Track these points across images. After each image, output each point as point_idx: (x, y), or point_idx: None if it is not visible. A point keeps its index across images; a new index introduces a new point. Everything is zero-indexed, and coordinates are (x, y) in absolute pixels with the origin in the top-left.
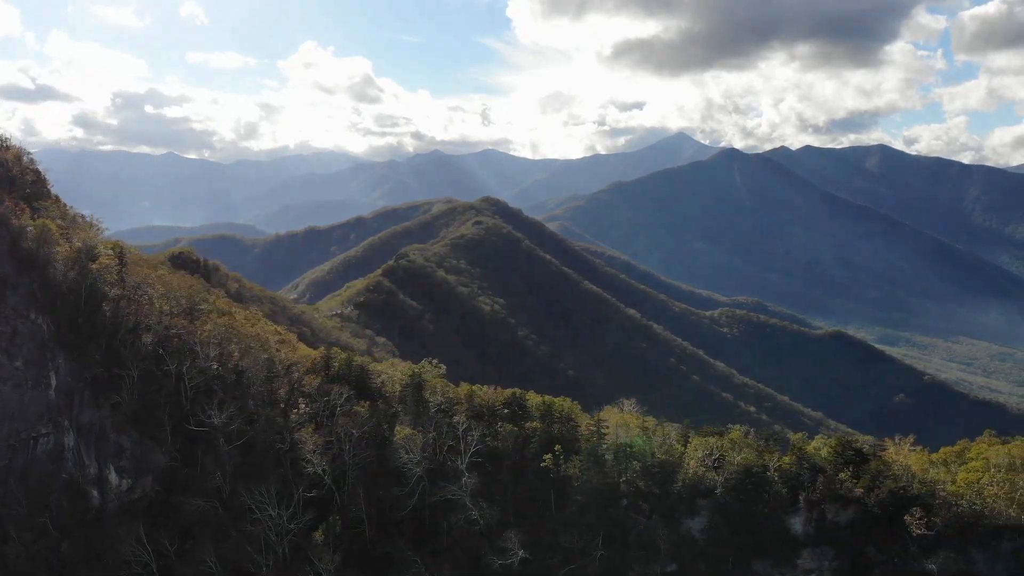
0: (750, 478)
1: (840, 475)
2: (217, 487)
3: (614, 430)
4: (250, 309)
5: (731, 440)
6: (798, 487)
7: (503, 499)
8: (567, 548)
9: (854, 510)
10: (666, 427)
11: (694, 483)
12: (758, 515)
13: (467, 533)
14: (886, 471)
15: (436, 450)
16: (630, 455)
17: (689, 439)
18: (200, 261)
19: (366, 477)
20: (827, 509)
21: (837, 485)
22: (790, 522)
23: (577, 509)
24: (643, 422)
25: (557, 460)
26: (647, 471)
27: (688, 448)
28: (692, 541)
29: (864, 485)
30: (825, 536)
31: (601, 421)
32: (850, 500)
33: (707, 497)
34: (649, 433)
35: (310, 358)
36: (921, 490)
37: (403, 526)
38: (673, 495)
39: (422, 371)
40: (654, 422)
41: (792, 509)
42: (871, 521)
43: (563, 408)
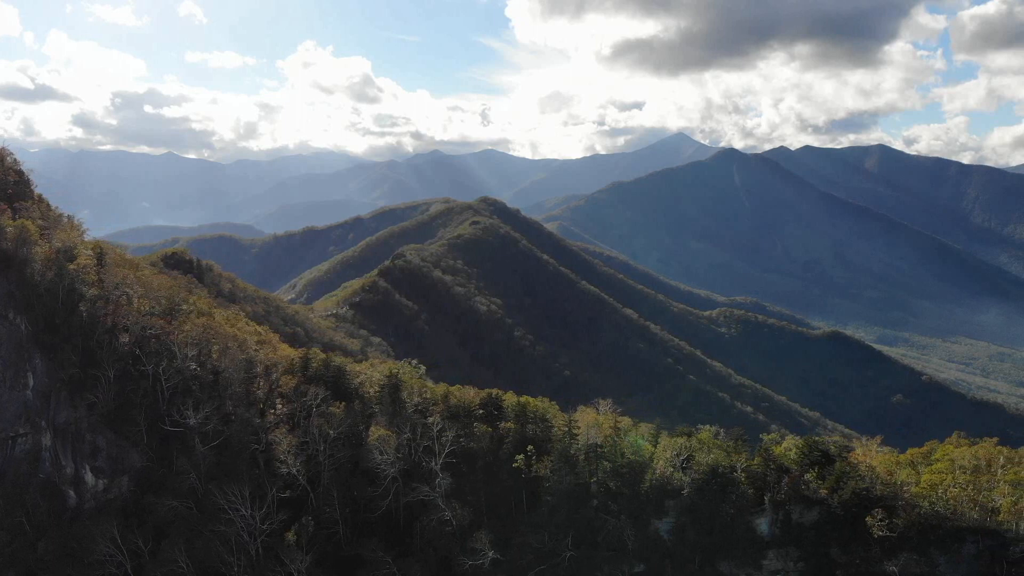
0: (716, 479)
1: (806, 476)
2: (192, 487)
3: (586, 431)
4: (232, 310)
5: (699, 441)
6: (764, 488)
7: (476, 499)
8: (537, 548)
9: (819, 511)
10: (640, 427)
11: (661, 484)
12: (725, 516)
13: (439, 533)
14: (851, 472)
15: (412, 451)
16: (600, 455)
17: (658, 440)
18: (193, 261)
19: (341, 478)
20: (792, 510)
21: (802, 486)
22: (756, 523)
23: (547, 510)
24: (616, 422)
25: (529, 461)
26: (617, 471)
27: (657, 449)
28: (660, 541)
29: (828, 486)
30: (791, 537)
31: (573, 421)
32: (815, 501)
33: (674, 498)
34: (621, 433)
35: (289, 358)
36: (884, 491)
37: (377, 526)
38: (641, 496)
39: (399, 372)
40: (629, 422)
41: (758, 510)
42: (835, 522)
43: (537, 408)
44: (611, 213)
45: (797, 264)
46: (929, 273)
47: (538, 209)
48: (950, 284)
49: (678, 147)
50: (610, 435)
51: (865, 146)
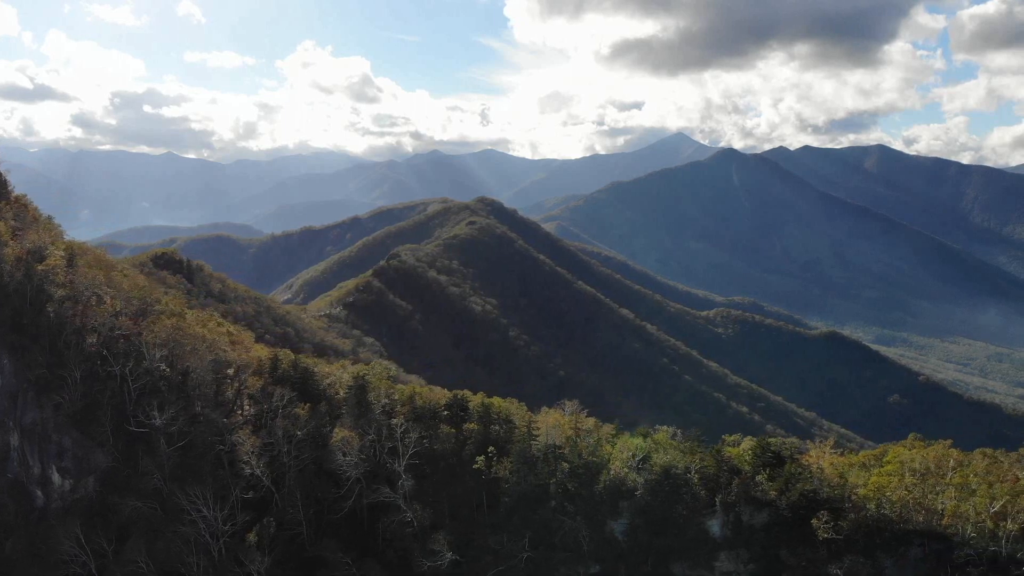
0: (668, 480)
1: (758, 478)
2: (156, 488)
3: (546, 432)
4: (209, 310)
5: (655, 441)
6: (716, 489)
7: (438, 501)
8: (496, 550)
9: (768, 513)
10: (603, 428)
11: (616, 485)
12: (677, 517)
13: (400, 535)
14: (800, 474)
15: (376, 452)
16: (560, 457)
17: (615, 441)
18: (183, 261)
19: (305, 479)
20: (742, 511)
21: (752, 488)
22: (708, 524)
23: (506, 511)
24: (577, 424)
25: (489, 462)
26: (574, 472)
27: (614, 449)
28: (615, 542)
29: (777, 488)
30: (741, 538)
31: (533, 423)
32: (764, 503)
33: (628, 499)
34: (582, 435)
35: (259, 359)
36: (831, 493)
37: (340, 527)
38: (595, 497)
39: (367, 373)
40: (592, 423)
41: (710, 511)
42: (784, 524)
43: (501, 410)
44: (610, 213)
45: (796, 264)
46: (928, 273)
47: (537, 209)
48: (949, 284)
49: (678, 147)
50: (571, 436)
51: (864, 146)
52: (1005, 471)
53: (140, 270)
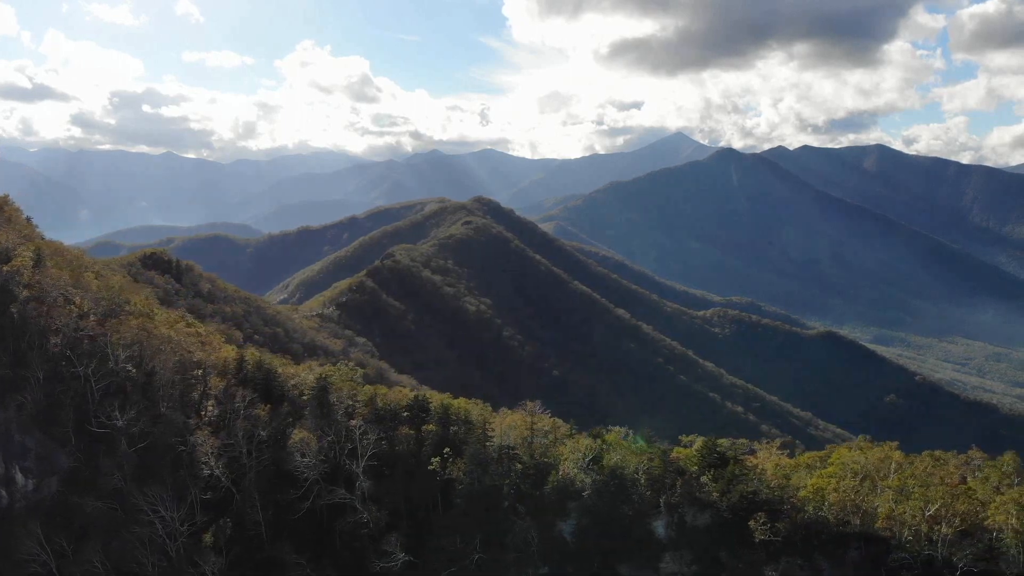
0: (614, 480)
1: (703, 478)
2: (117, 488)
3: (501, 432)
4: (178, 311)
5: (605, 442)
6: (661, 490)
7: (395, 502)
8: (450, 551)
9: (710, 514)
10: (560, 428)
11: (564, 485)
12: (623, 518)
13: (356, 536)
14: (741, 475)
15: (336, 453)
16: (513, 457)
17: (564, 442)
18: (172, 261)
19: (264, 480)
20: (686, 512)
21: (696, 489)
22: (654, 525)
23: (458, 512)
24: (532, 424)
25: (444, 463)
26: (525, 473)
27: (565, 450)
28: (564, 543)
29: (719, 489)
30: (685, 539)
31: (487, 424)
32: (706, 504)
33: (576, 499)
34: (538, 435)
35: (225, 360)
36: (770, 495)
37: (299, 528)
38: (544, 497)
39: (331, 375)
40: (550, 423)
41: (655, 512)
42: (725, 525)
43: (460, 410)
44: (609, 213)
45: (795, 264)
46: (927, 273)
47: (537, 209)
48: (948, 284)
49: (677, 147)
50: (526, 437)
51: (863, 146)
52: (950, 473)
53: (128, 270)
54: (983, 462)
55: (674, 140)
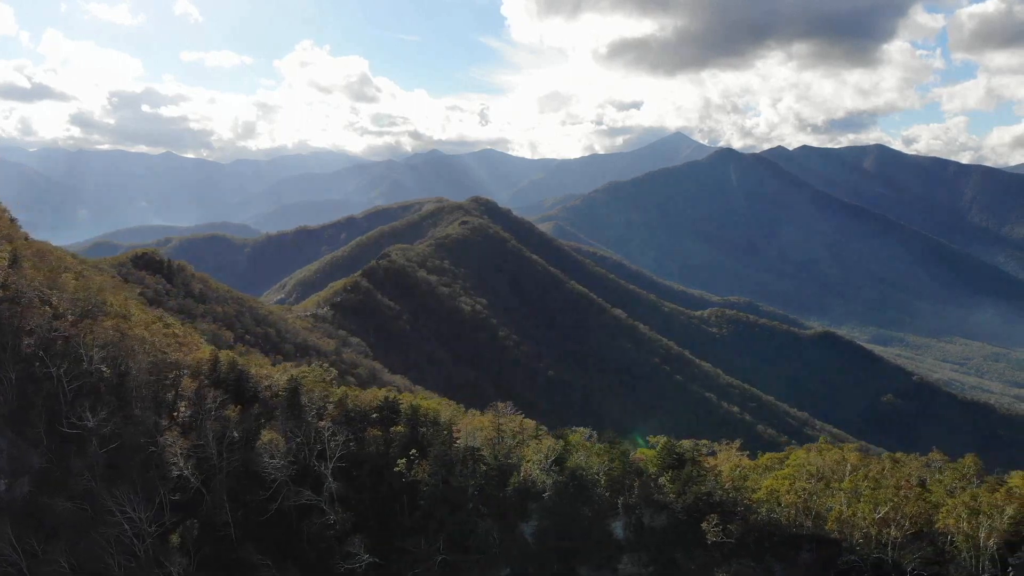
0: (574, 481)
1: (661, 480)
2: (87, 488)
3: (466, 434)
4: (157, 311)
5: (567, 443)
6: (620, 491)
7: (362, 504)
8: (414, 552)
9: (667, 515)
10: (528, 430)
11: (525, 487)
12: (583, 519)
13: (322, 537)
14: (697, 477)
15: (306, 455)
16: (477, 459)
17: (528, 443)
18: (163, 262)
19: (233, 481)
20: (643, 514)
21: (653, 490)
22: (612, 526)
23: (422, 513)
24: (499, 425)
25: (410, 464)
26: (487, 475)
27: (528, 451)
28: (525, 544)
29: (675, 490)
30: (643, 541)
31: (452, 425)
32: (663, 505)
33: (537, 501)
34: (504, 435)
35: (199, 361)
36: (723, 497)
37: (267, 530)
38: (505, 498)
39: (304, 376)
40: (518, 424)
41: (614, 513)
42: (681, 527)
43: (429, 411)
44: (607, 213)
45: (793, 264)
46: (925, 273)
47: (536, 209)
48: (946, 284)
49: (676, 147)
50: (492, 438)
51: (863, 146)
52: (907, 475)
53: (118, 271)
54: (943, 464)
55: (673, 140)
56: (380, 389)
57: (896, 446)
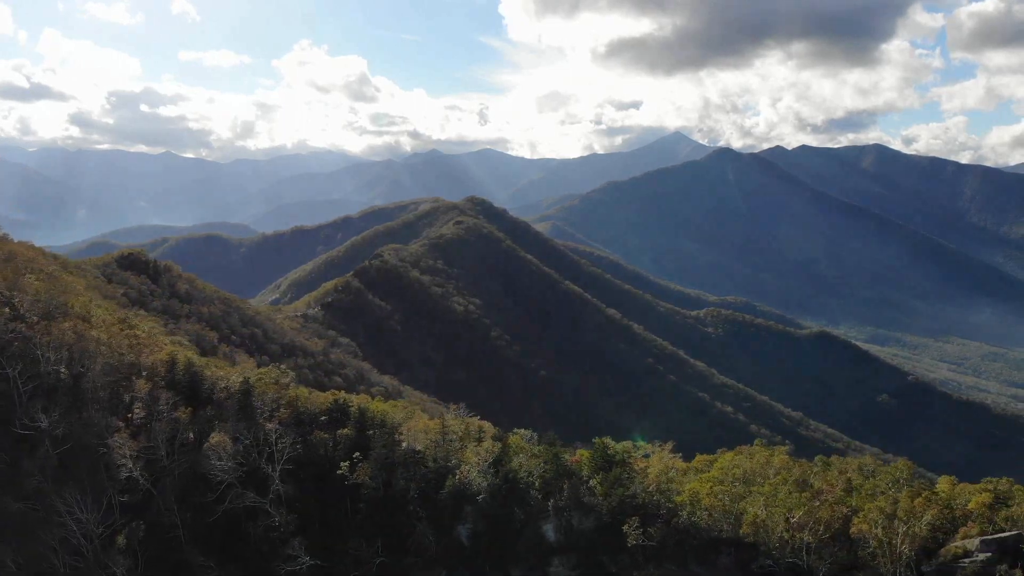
0: (507, 484)
1: (591, 482)
2: (38, 489)
3: (409, 436)
4: (123, 314)
5: (506, 445)
6: (551, 493)
7: (306, 506)
8: (354, 555)
9: (594, 518)
10: (472, 432)
11: (461, 489)
12: (516, 521)
13: (266, 539)
14: (625, 479)
15: (256, 457)
16: (419, 461)
17: (467, 445)
18: (149, 262)
19: (183, 482)
20: (572, 516)
21: (582, 492)
22: (544, 529)
23: (363, 516)
24: (443, 428)
25: (353, 467)
26: (427, 477)
27: (467, 454)
28: (461, 547)
29: (602, 493)
30: (572, 543)
31: (395, 427)
32: (591, 508)
33: (472, 503)
34: (448, 437)
35: (156, 363)
36: (646, 499)
37: (214, 532)
38: (441, 501)
39: (258, 377)
40: (463, 426)
41: (545, 516)
42: (607, 529)
43: (377, 414)
44: (605, 213)
45: (791, 264)
46: (923, 273)
47: (534, 209)
48: (944, 284)
49: (676, 147)
50: (435, 440)
51: (861, 145)
52: (834, 479)
53: (103, 271)
54: (876, 467)
55: (672, 140)
56: (331, 392)
57: (890, 446)
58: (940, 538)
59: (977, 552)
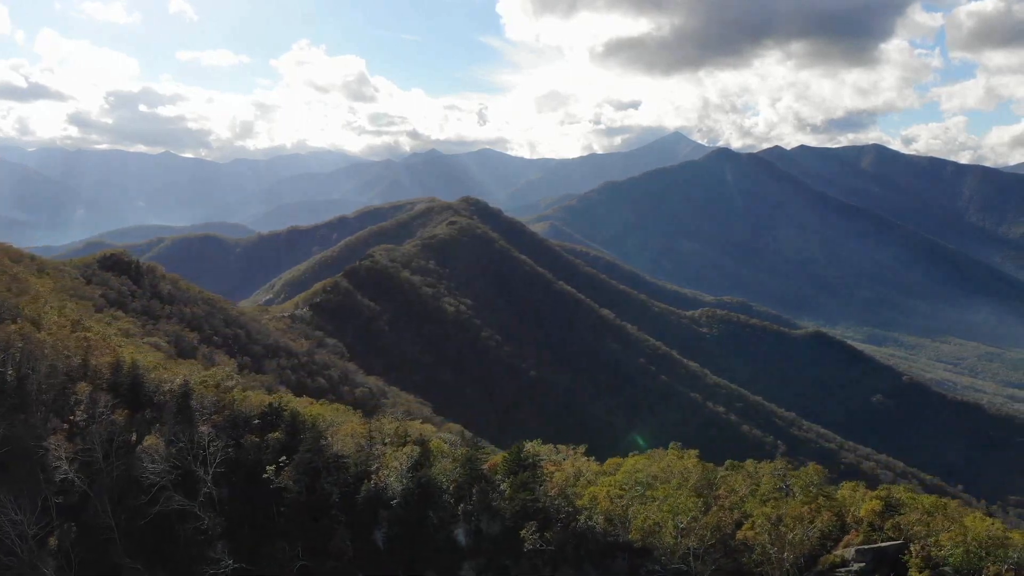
0: (420, 488)
1: (502, 486)
2: None
3: (335, 440)
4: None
5: (425, 449)
6: (462, 498)
7: (237, 509)
8: (278, 558)
9: (500, 522)
10: (398, 436)
11: (376, 494)
12: (429, 526)
13: (193, 542)
14: (530, 483)
15: (192, 459)
16: (341, 465)
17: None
18: (131, 263)
19: (118, 485)
20: (481, 520)
21: (491, 497)
22: (456, 533)
23: (285, 519)
24: (370, 431)
25: (279, 471)
26: (347, 481)
27: (385, 458)
28: (377, 551)
29: (508, 497)
30: (481, 547)
31: (321, 432)
32: (498, 512)
33: (387, 508)
34: (376, 441)
35: (101, 365)
36: (547, 503)
37: (147, 534)
38: (357, 505)
39: (204, 379)
40: (394, 428)
41: (456, 520)
42: (511, 533)
43: (308, 417)
44: (603, 213)
45: (789, 264)
46: (921, 273)
47: (533, 209)
48: (942, 284)
49: (675, 147)
50: (362, 444)
51: (860, 145)
52: (737, 483)
53: (82, 272)
54: (786, 471)
55: (672, 140)
56: (267, 394)
57: (884, 446)
58: (830, 546)
59: (853, 562)
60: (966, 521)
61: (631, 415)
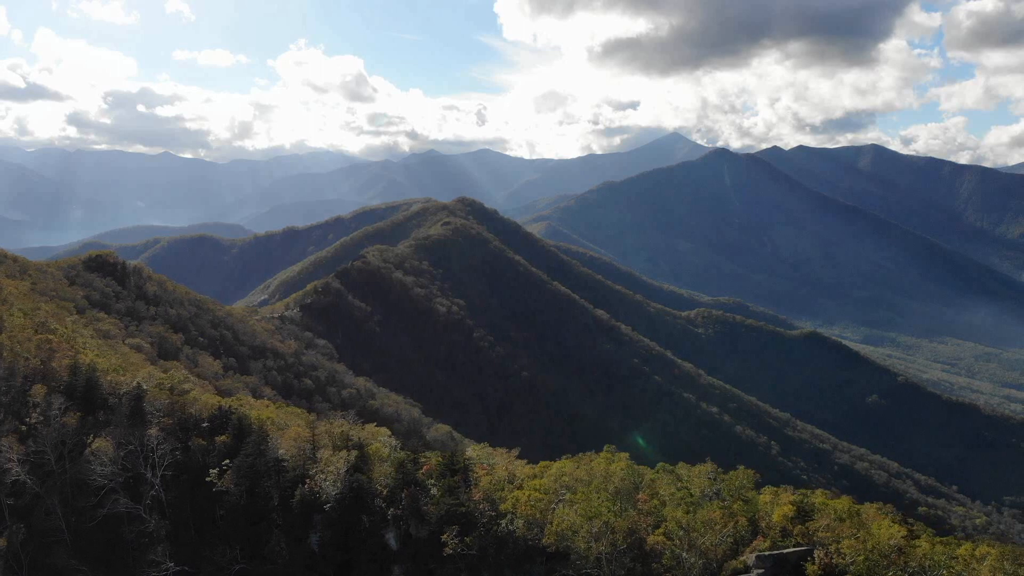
0: (351, 492)
1: (433, 490)
2: None
3: (276, 444)
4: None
5: (364, 453)
6: (392, 502)
7: (182, 512)
8: (217, 561)
9: (427, 526)
10: (341, 440)
11: (310, 498)
12: (361, 530)
13: (137, 545)
14: (456, 487)
15: (142, 462)
16: (280, 470)
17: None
18: (116, 264)
19: (73, 487)
20: (409, 524)
21: (420, 501)
22: (387, 537)
23: (226, 523)
24: (313, 436)
25: (221, 474)
26: (285, 485)
27: (322, 463)
28: (312, 555)
29: (435, 502)
30: (410, 552)
31: (265, 435)
32: (425, 516)
33: (320, 512)
34: (319, 444)
35: (62, 367)
36: (472, 508)
37: (96, 536)
38: (293, 509)
39: (164, 382)
40: (339, 431)
41: (386, 524)
42: (436, 537)
43: (255, 422)
44: (601, 213)
45: (786, 264)
46: (919, 273)
47: (530, 209)
48: (939, 284)
49: (673, 147)
50: (303, 448)
51: (858, 146)
52: (662, 487)
53: (67, 273)
54: (716, 474)
55: (670, 140)
56: (218, 398)
57: (879, 447)
58: (740, 551)
59: (753, 568)
60: (872, 528)
61: (624, 416)
